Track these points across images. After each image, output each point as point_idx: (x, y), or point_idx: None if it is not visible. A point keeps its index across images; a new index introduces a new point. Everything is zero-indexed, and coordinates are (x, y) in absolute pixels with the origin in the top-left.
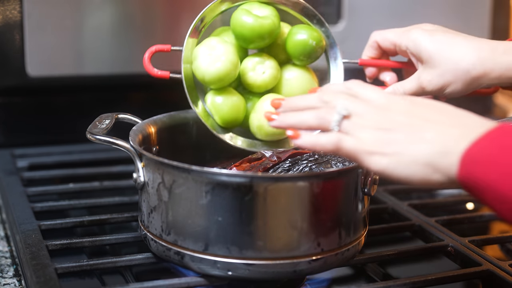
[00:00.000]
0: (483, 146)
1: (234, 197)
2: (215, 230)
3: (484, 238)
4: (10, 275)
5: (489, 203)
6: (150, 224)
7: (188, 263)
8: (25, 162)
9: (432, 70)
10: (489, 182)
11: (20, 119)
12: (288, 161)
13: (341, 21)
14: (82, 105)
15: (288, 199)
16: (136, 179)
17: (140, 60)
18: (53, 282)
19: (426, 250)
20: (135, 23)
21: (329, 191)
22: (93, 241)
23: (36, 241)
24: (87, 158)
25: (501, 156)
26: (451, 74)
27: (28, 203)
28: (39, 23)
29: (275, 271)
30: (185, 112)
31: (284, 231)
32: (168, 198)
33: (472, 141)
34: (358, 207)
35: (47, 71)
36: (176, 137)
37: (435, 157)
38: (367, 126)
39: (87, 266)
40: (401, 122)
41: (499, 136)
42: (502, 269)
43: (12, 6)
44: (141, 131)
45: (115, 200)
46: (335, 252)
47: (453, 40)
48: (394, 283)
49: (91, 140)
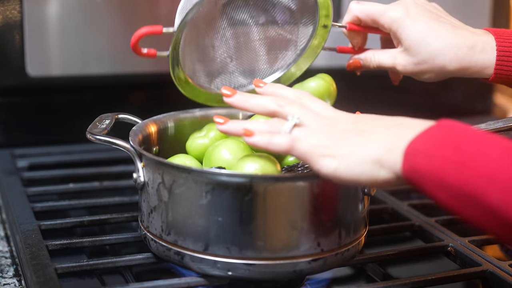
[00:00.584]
0: (424, 139)
1: (234, 197)
2: (215, 230)
3: (484, 238)
4: (10, 275)
5: (434, 194)
6: (150, 224)
7: (188, 263)
8: (25, 162)
9: (408, 57)
10: (431, 171)
11: (20, 119)
12: (284, 168)
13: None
14: (82, 105)
15: (288, 199)
16: (136, 179)
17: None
18: (53, 282)
19: (426, 250)
20: (135, 23)
21: (329, 191)
22: (93, 241)
23: (36, 241)
24: (87, 158)
25: (441, 146)
26: (426, 66)
27: (28, 203)
28: (39, 23)
29: (275, 271)
30: (185, 112)
31: (284, 231)
32: (168, 198)
33: (413, 136)
34: (358, 207)
35: (47, 71)
36: (176, 137)
37: (381, 154)
38: (317, 133)
39: (87, 266)
40: (348, 129)
41: (438, 130)
42: (502, 269)
43: (12, 6)
44: (141, 131)
45: (115, 200)
46: (335, 252)
47: (434, 33)
48: (394, 283)
49: (91, 140)
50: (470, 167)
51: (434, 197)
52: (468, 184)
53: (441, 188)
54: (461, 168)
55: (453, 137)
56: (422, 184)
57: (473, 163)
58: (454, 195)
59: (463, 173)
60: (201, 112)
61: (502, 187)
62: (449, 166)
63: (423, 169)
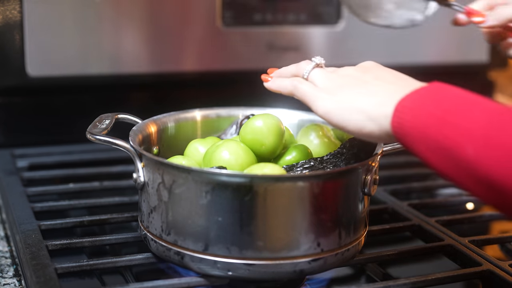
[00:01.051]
0: (413, 97)
1: (234, 197)
2: (215, 230)
3: (484, 238)
4: (10, 275)
5: (416, 149)
6: (150, 224)
7: (188, 263)
8: (25, 162)
9: None
10: (415, 126)
11: (20, 119)
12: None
13: (341, 21)
14: (82, 105)
15: (288, 199)
16: (136, 179)
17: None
18: (53, 282)
19: (426, 250)
20: (135, 23)
21: (329, 191)
22: (93, 241)
23: (36, 241)
24: (87, 158)
25: (426, 103)
26: None
27: (28, 203)
28: (39, 23)
29: (275, 271)
30: (185, 112)
31: (284, 231)
32: (168, 198)
33: (404, 95)
34: (358, 207)
35: (47, 71)
36: (176, 137)
37: (370, 107)
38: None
39: (87, 266)
40: (351, 76)
41: (428, 90)
42: (502, 269)
43: (12, 6)
44: (141, 131)
45: (115, 200)
46: (335, 252)
47: None
48: (394, 283)
49: (91, 140)
50: (449, 122)
51: (417, 151)
52: (447, 138)
53: (422, 142)
54: (441, 123)
55: (439, 95)
56: (407, 139)
57: (453, 118)
58: (433, 149)
59: (443, 127)
60: (201, 112)
61: (477, 142)
62: (430, 120)
63: (408, 124)
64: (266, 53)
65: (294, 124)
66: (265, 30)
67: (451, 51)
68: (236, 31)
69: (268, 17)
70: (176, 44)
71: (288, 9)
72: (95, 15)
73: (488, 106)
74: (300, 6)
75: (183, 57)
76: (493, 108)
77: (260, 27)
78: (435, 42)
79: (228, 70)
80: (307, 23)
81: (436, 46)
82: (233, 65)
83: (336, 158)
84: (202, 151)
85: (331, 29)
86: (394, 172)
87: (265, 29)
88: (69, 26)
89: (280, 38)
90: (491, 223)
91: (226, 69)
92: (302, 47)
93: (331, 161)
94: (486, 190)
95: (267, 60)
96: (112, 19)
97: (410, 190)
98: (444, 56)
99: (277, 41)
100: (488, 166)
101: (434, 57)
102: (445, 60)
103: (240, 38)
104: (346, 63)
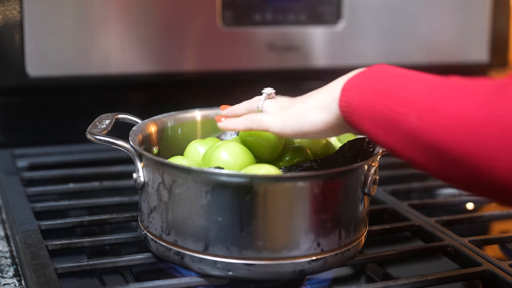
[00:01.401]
0: (358, 77)
1: (234, 197)
2: (215, 230)
3: (484, 238)
4: (10, 275)
5: (364, 126)
6: (150, 224)
7: (188, 263)
8: (25, 162)
9: None
10: (362, 103)
11: (20, 119)
12: (282, 169)
13: (341, 21)
14: (82, 105)
15: (288, 199)
16: (136, 179)
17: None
18: (53, 282)
19: (426, 250)
20: (135, 22)
21: (329, 191)
22: (93, 241)
23: (36, 241)
24: (87, 158)
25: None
26: None
27: (28, 203)
28: (39, 23)
29: (275, 271)
30: (185, 112)
31: (284, 231)
32: (168, 198)
33: (350, 77)
34: (358, 207)
35: (47, 71)
36: (176, 137)
37: (321, 98)
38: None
39: (87, 266)
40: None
41: (372, 70)
42: (502, 269)
43: (12, 6)
44: (141, 131)
45: (115, 200)
46: (335, 252)
47: None
48: (394, 283)
49: (91, 140)
50: (395, 96)
51: (365, 128)
52: (393, 111)
53: (369, 118)
54: (387, 97)
55: (384, 73)
56: (355, 118)
57: (398, 92)
58: (380, 124)
59: (388, 101)
60: (201, 112)
61: (420, 111)
62: (377, 96)
63: (355, 102)
64: (266, 53)
65: None
66: (265, 30)
67: (451, 51)
68: (236, 31)
69: (268, 17)
70: (176, 44)
71: (288, 9)
72: (95, 15)
73: (431, 79)
74: (300, 6)
75: (183, 57)
76: (436, 80)
77: (260, 27)
78: (435, 42)
79: (228, 70)
80: (307, 23)
81: (436, 46)
82: (233, 65)
83: (335, 160)
84: (202, 152)
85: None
86: (394, 172)
87: (265, 29)
88: (69, 26)
89: (280, 38)
90: (491, 223)
91: (226, 69)
92: (302, 47)
93: (330, 162)
94: (432, 158)
95: (267, 60)
96: (112, 19)
97: (410, 190)
98: (444, 56)
99: (277, 41)
100: (433, 134)
101: (434, 57)
102: (445, 60)
103: (240, 38)
104: (346, 63)
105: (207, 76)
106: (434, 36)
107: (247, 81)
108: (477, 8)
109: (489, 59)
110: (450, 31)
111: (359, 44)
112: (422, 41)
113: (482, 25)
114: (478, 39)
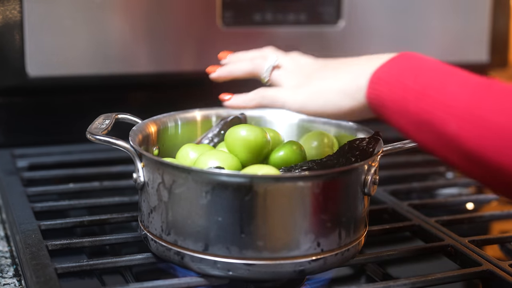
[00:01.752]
0: (386, 68)
1: (234, 197)
2: (215, 230)
3: (484, 238)
4: (10, 275)
5: (395, 121)
6: (150, 224)
7: (188, 263)
8: (25, 162)
9: None
10: (392, 99)
11: (20, 119)
12: (282, 169)
13: (341, 21)
14: (82, 105)
15: (288, 199)
16: (136, 179)
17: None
18: (53, 282)
19: (426, 250)
20: (135, 22)
21: (329, 191)
22: (93, 241)
23: (36, 241)
24: (87, 158)
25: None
26: None
27: (28, 203)
28: (39, 23)
29: (275, 271)
30: (185, 112)
31: (284, 231)
32: (168, 198)
33: (377, 66)
34: (358, 207)
35: (47, 71)
36: (176, 137)
37: (346, 83)
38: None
39: (87, 266)
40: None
41: (400, 60)
42: (502, 269)
43: (12, 6)
44: (141, 131)
45: (115, 200)
46: (335, 252)
47: None
48: (394, 283)
49: (91, 140)
50: (429, 96)
51: (396, 124)
52: (427, 112)
53: (401, 115)
54: (420, 97)
55: (415, 67)
56: (384, 111)
57: (432, 92)
58: (413, 123)
59: (422, 101)
60: (201, 112)
61: (458, 116)
62: (409, 94)
63: (385, 96)
64: None
65: (294, 124)
66: (265, 30)
67: (451, 51)
68: (236, 31)
69: (268, 17)
70: (176, 44)
71: (288, 9)
72: (95, 15)
73: (465, 77)
74: (300, 6)
75: (183, 57)
76: (473, 82)
77: (260, 27)
78: (435, 42)
79: None
80: (307, 23)
81: (436, 46)
82: None
83: (335, 160)
84: (192, 157)
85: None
86: (394, 172)
87: (265, 29)
88: (69, 26)
89: (280, 38)
90: (491, 223)
91: None
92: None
93: (330, 162)
94: (470, 164)
95: None
96: (112, 19)
97: (410, 190)
98: (444, 56)
99: (277, 41)
100: (472, 142)
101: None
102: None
103: (240, 38)
104: None
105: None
106: (434, 36)
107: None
108: (477, 8)
109: (489, 59)
110: (450, 31)
111: (359, 44)
112: (422, 41)
113: (482, 25)
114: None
